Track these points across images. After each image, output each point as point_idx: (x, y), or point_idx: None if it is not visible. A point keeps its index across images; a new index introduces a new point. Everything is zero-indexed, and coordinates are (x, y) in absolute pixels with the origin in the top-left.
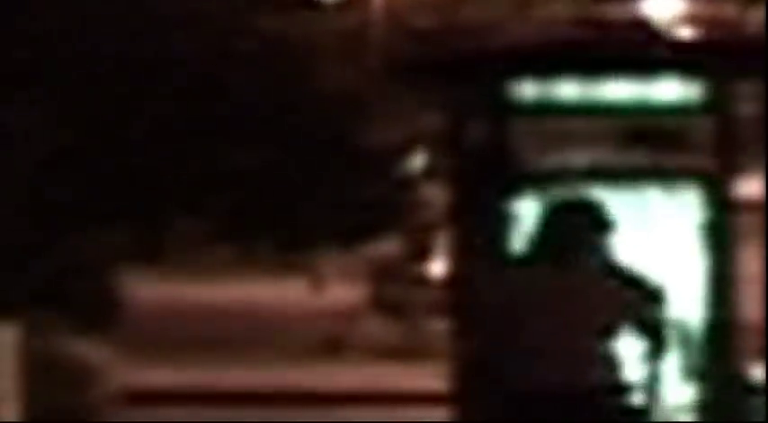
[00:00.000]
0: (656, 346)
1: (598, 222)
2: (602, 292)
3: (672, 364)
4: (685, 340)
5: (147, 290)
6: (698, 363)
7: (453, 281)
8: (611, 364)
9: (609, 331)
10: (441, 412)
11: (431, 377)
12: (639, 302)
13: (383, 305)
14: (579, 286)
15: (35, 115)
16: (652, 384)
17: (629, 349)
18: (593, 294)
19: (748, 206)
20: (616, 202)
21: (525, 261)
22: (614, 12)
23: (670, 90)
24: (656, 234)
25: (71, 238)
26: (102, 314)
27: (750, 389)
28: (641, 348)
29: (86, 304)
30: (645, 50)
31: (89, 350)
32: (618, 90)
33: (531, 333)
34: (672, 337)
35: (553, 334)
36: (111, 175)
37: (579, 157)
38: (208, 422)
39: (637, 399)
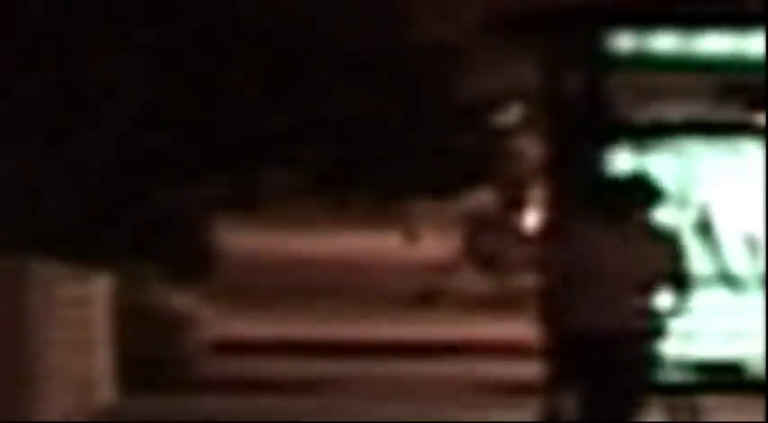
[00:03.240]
0: (681, 299)
1: (650, 196)
2: (643, 251)
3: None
4: None
5: (240, 241)
6: None
7: (547, 234)
8: (650, 313)
9: (650, 285)
10: (533, 365)
11: (524, 329)
12: (672, 258)
13: (477, 257)
14: (627, 248)
15: (129, 69)
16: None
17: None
18: (637, 253)
19: None
20: (711, 155)
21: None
22: None
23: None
24: (751, 187)
25: (165, 190)
26: (194, 265)
27: None
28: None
29: (179, 255)
30: (742, 4)
31: (181, 301)
32: (714, 44)
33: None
34: (760, 288)
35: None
36: (206, 126)
37: (675, 111)
38: (298, 374)
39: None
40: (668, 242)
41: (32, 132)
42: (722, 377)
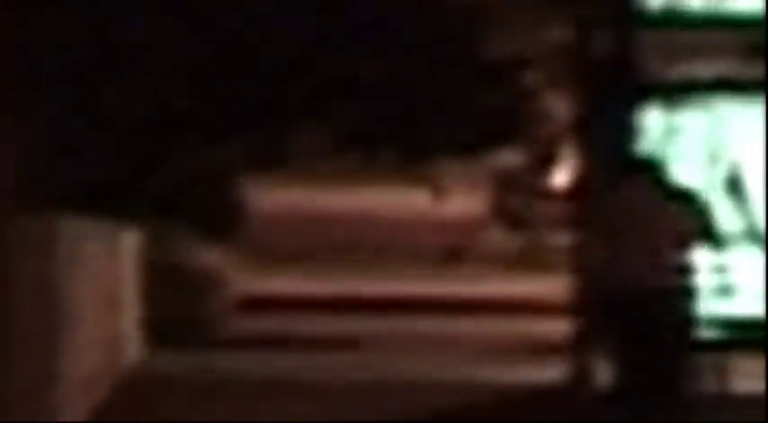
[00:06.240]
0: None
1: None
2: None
3: None
4: None
5: (268, 198)
6: None
7: (577, 192)
8: (685, 271)
9: (683, 243)
10: (561, 323)
11: (552, 287)
12: (698, 216)
13: (505, 216)
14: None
15: (160, 27)
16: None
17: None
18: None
19: None
20: (741, 113)
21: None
22: None
23: None
24: None
25: (194, 148)
26: (223, 223)
27: None
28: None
29: (208, 213)
30: None
31: (209, 258)
32: (744, 1)
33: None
34: None
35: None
36: (235, 83)
37: (705, 69)
38: (325, 331)
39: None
40: (690, 201)
41: (62, 90)
42: (751, 335)
